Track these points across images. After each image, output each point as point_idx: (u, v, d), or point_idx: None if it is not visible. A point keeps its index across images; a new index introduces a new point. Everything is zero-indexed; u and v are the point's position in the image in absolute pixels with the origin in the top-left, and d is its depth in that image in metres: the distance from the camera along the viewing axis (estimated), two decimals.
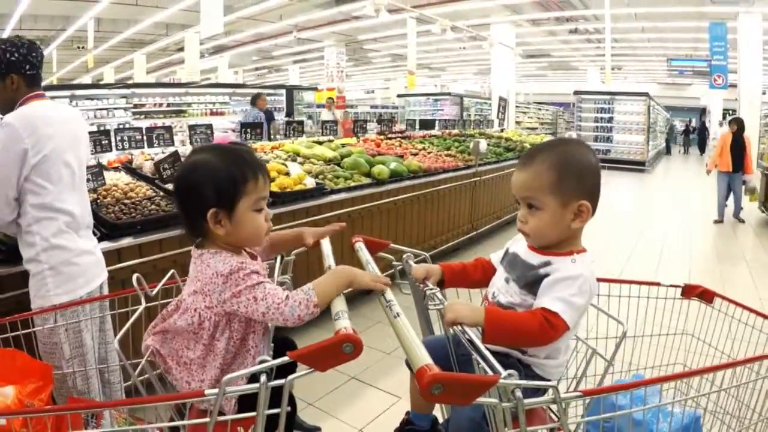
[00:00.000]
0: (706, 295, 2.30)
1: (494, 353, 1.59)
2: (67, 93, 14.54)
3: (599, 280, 2.15)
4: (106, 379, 2.97)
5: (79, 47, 20.49)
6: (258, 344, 1.79)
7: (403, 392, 3.99)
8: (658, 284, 2.35)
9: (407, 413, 2.14)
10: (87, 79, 25.85)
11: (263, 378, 1.38)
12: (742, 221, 11.02)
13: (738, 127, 11.19)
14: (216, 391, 1.38)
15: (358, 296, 5.31)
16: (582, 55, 28.83)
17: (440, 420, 2.18)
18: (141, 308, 2.03)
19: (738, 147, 10.97)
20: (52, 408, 2.01)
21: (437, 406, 2.13)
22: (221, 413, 1.59)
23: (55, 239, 2.75)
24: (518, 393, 1.32)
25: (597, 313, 2.05)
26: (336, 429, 3.64)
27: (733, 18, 17.56)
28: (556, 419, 1.63)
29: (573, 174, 1.77)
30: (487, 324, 1.61)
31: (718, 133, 20.22)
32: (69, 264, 2.80)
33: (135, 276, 2.08)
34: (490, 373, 1.34)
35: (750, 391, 1.95)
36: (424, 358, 1.29)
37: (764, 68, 18.89)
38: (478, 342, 1.48)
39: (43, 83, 3.07)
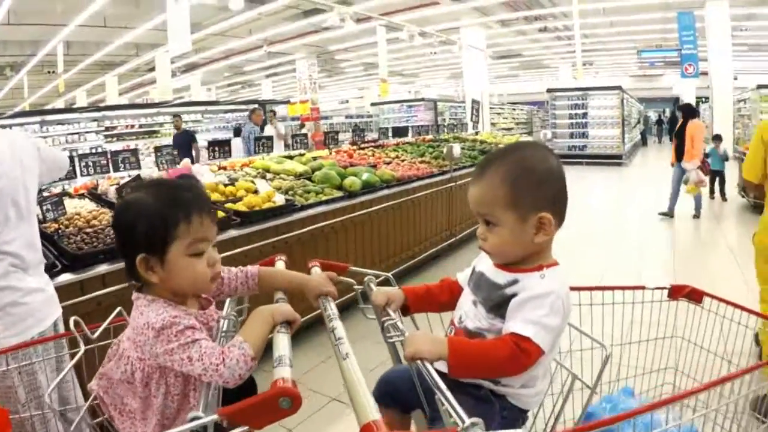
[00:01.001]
0: (694, 295, 2.19)
1: (465, 384, 1.49)
2: (38, 119, 14.45)
3: (580, 289, 2.06)
4: (71, 420, 2.86)
5: (49, 71, 20.40)
6: (200, 401, 1.55)
7: None
8: (642, 288, 2.25)
9: None
10: (60, 104, 25.78)
11: None
12: (667, 214, 10.52)
13: (685, 114, 10.67)
14: None
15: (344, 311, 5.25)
16: (553, 52, 29.02)
17: None
18: (80, 352, 1.93)
19: (681, 136, 10.42)
20: None
21: None
22: None
23: (0, 281, 2.61)
24: None
25: (580, 337, 1.91)
26: None
27: (700, 6, 17.73)
28: None
29: (530, 184, 1.60)
30: (451, 357, 1.48)
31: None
32: (17, 305, 2.65)
33: (72, 319, 1.96)
34: (453, 417, 1.20)
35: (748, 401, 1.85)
36: (371, 412, 1.17)
37: (734, 54, 19.08)
38: (439, 381, 1.32)
39: (15, 110, 2.94)
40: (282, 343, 1.48)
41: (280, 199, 5.34)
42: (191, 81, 25.86)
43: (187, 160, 6.70)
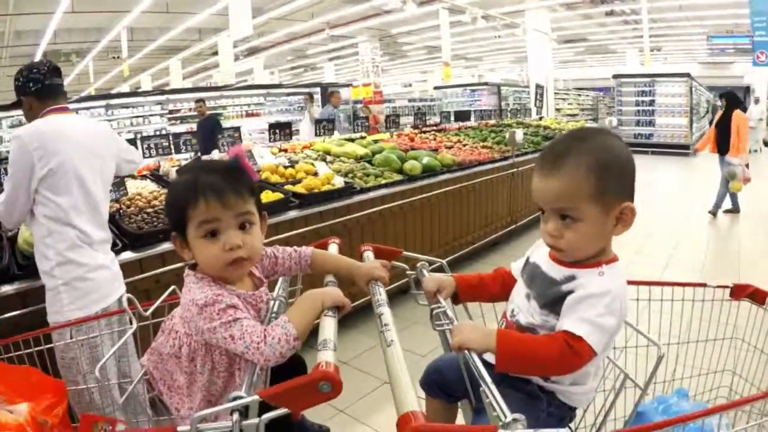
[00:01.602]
0: (757, 296, 2.05)
1: (513, 378, 1.43)
2: (103, 103, 14.70)
3: (638, 283, 1.99)
4: (131, 393, 2.90)
5: (114, 57, 20.72)
6: (244, 381, 1.56)
7: None
8: (704, 285, 2.14)
9: None
10: (125, 88, 26.24)
11: (236, 416, 1.23)
12: (713, 214, 9.81)
13: (728, 102, 9.99)
14: (187, 429, 1.26)
15: (398, 295, 5.21)
16: (619, 37, 28.41)
17: None
18: (131, 330, 1.96)
19: (724, 126, 9.80)
20: None
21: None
22: None
23: (68, 253, 2.78)
24: None
25: (636, 336, 1.84)
26: None
27: None
28: None
29: (614, 174, 1.50)
30: (499, 351, 1.43)
31: (754, 111, 19.71)
32: (83, 279, 2.81)
33: (125, 297, 2.02)
34: (497, 411, 1.16)
35: None
36: (411, 402, 1.12)
37: None
38: (485, 373, 1.28)
39: (82, 94, 3.10)
40: (328, 326, 1.46)
41: (339, 182, 5.32)
42: (254, 64, 26.04)
43: (247, 142, 6.75)
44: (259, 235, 1.71)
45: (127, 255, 3.64)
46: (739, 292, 2.11)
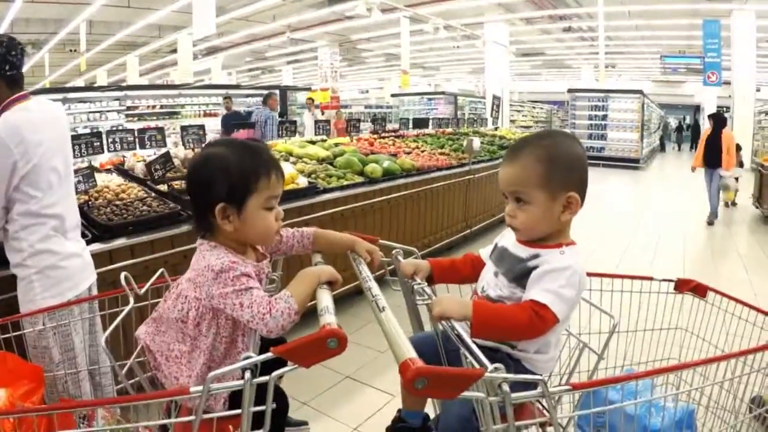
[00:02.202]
0: (699, 290, 2.28)
1: (483, 348, 1.57)
2: (59, 96, 14.46)
3: (591, 274, 2.16)
4: (97, 382, 2.93)
5: (71, 50, 20.47)
6: (249, 346, 1.76)
7: (397, 391, 3.98)
8: (650, 279, 2.35)
9: (399, 411, 2.08)
10: (80, 82, 25.86)
11: (247, 375, 1.36)
12: (711, 223, 10.50)
13: (715, 122, 10.82)
14: (200, 388, 1.36)
15: (349, 296, 5.32)
16: (576, 53, 28.86)
17: (432, 416, 2.13)
18: (129, 307, 2.02)
19: (713, 143, 10.57)
20: (39, 408, 1.98)
21: (429, 402, 2.10)
22: (210, 411, 1.60)
23: (41, 244, 2.71)
24: (505, 387, 1.30)
25: (588, 307, 2.03)
26: (330, 428, 3.61)
27: (726, 15, 17.63)
28: (546, 414, 1.61)
29: (561, 166, 1.75)
30: (475, 318, 1.60)
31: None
32: (56, 268, 2.76)
33: (123, 275, 2.06)
34: (477, 366, 1.33)
35: (744, 384, 1.93)
36: (408, 351, 1.27)
37: (758, 65, 18.97)
38: (465, 336, 1.46)
39: (37, 86, 2.98)
40: (325, 296, 1.61)
41: (303, 182, 5.41)
42: (212, 64, 25.87)
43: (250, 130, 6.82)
44: None
45: (96, 246, 3.63)
46: (682, 285, 2.32)
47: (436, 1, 17.21)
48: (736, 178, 10.72)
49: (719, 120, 10.81)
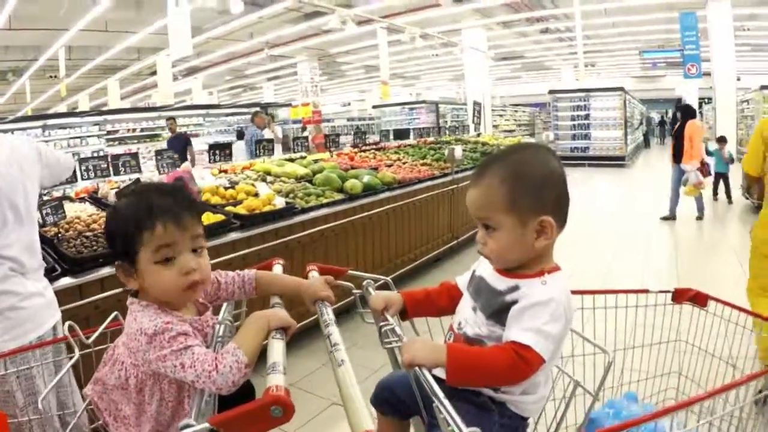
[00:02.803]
0: (698, 299, 2.15)
1: (464, 391, 1.47)
2: (39, 123, 14.50)
3: (582, 292, 2.04)
4: (68, 423, 2.85)
5: (51, 76, 20.39)
6: (193, 408, 1.54)
7: None
8: (646, 291, 2.20)
9: None
10: (62, 108, 25.79)
11: None
12: (669, 218, 10.42)
13: (683, 114, 10.48)
14: None
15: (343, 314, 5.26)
16: (555, 54, 29.00)
17: None
18: (75, 358, 1.93)
19: (679, 136, 10.21)
20: None
21: None
22: None
23: (0, 286, 2.62)
24: None
25: (583, 342, 1.90)
26: None
27: (701, 6, 17.72)
28: None
29: (529, 187, 1.55)
30: (449, 365, 1.45)
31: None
32: (15, 309, 2.66)
33: (66, 324, 1.95)
34: (451, 426, 1.18)
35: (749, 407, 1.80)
36: (365, 421, 1.15)
37: (737, 55, 19.07)
38: (437, 389, 1.29)
39: (18, 114, 2.94)
40: (276, 349, 1.47)
41: (280, 202, 5.32)
42: (193, 84, 25.80)
43: (187, 164, 6.71)
44: (208, 258, 1.70)
45: (66, 281, 3.55)
46: (680, 296, 2.18)
47: (413, 10, 17.21)
48: (702, 169, 10.01)
49: (686, 111, 10.57)
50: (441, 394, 1.26)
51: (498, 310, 1.58)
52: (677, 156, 10.22)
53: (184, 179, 2.20)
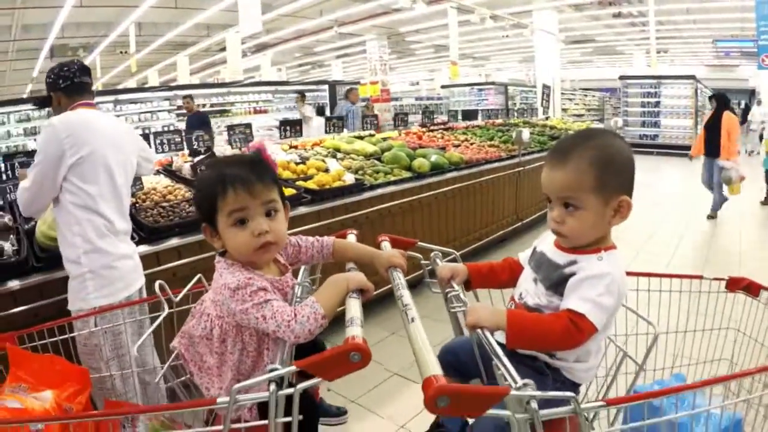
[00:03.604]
0: (752, 288, 2.17)
1: (521, 356, 1.52)
2: (111, 98, 14.76)
3: (637, 274, 2.10)
4: (146, 381, 2.98)
5: (121, 52, 20.73)
6: (275, 359, 1.71)
7: None
8: (700, 277, 2.25)
9: (437, 416, 2.05)
10: (132, 83, 26.22)
11: (272, 387, 1.35)
12: (712, 216, 9.67)
13: (718, 104, 9.85)
14: (227, 399, 1.36)
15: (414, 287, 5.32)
16: (627, 39, 28.36)
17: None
18: (163, 315, 2.05)
19: (714, 128, 9.55)
20: (87, 414, 2.01)
21: None
22: (239, 420, 1.62)
23: (96, 242, 2.84)
24: (534, 404, 1.23)
25: (632, 310, 1.97)
26: (378, 426, 3.63)
27: None
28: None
29: (614, 169, 1.67)
30: (509, 328, 1.56)
31: (757, 113, 19.74)
32: (109, 268, 2.88)
33: (158, 283, 2.07)
34: (508, 380, 1.28)
35: None
36: (433, 367, 1.24)
37: None
38: (497, 348, 1.41)
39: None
40: (354, 306, 1.59)
41: (349, 178, 5.40)
42: (262, 61, 26.02)
43: (262, 139, 6.81)
44: (284, 221, 1.83)
45: (144, 248, 3.69)
46: (734, 284, 2.21)
47: None
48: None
49: (722, 101, 9.95)
50: (500, 351, 1.38)
51: (557, 282, 1.71)
52: (712, 149, 9.61)
53: (261, 150, 2.31)
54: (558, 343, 1.61)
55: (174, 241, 3.88)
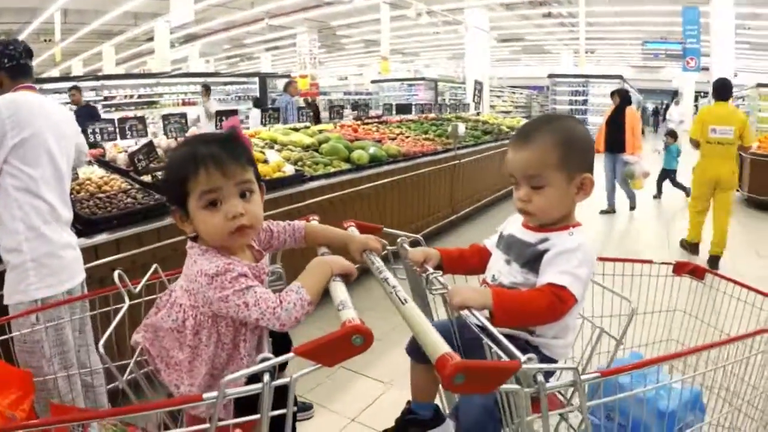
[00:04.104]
0: (697, 272, 2.32)
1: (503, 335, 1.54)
2: (35, 87, 14.27)
3: None
4: (89, 383, 2.86)
5: (45, 40, 20.19)
6: (251, 352, 1.66)
7: (393, 379, 3.97)
8: (650, 262, 2.36)
9: (408, 402, 2.08)
10: (55, 73, 25.51)
11: (266, 377, 1.25)
12: (609, 212, 9.93)
13: (621, 99, 9.84)
14: (215, 394, 1.24)
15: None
16: (556, 38, 29.02)
17: (441, 408, 2.14)
18: (125, 307, 1.90)
19: (615, 123, 9.62)
20: (36, 423, 1.87)
21: (438, 394, 2.10)
22: (206, 421, 1.47)
23: (40, 228, 2.71)
24: (540, 378, 1.26)
25: (602, 291, 2.05)
26: (329, 420, 3.57)
27: (705, 2, 17.73)
28: (565, 402, 1.59)
29: (577, 148, 1.76)
30: (495, 306, 1.56)
31: (674, 113, 20.42)
32: (53, 256, 2.74)
33: (117, 272, 1.94)
34: (505, 358, 1.28)
35: (747, 366, 1.95)
36: (443, 346, 1.22)
37: (736, 52, 19.14)
38: (489, 326, 1.41)
39: None
40: (340, 289, 1.55)
41: (289, 170, 5.35)
42: (190, 52, 25.70)
43: (235, 117, 6.67)
44: (259, 203, 1.72)
45: (81, 241, 3.45)
46: (680, 268, 2.35)
47: None
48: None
49: (624, 97, 9.96)
50: (494, 329, 1.38)
51: (531, 259, 1.76)
52: (613, 145, 9.69)
53: (236, 128, 2.22)
54: (543, 317, 1.65)
55: (111, 234, 3.72)
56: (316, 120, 9.70)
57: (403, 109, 12.18)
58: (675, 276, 2.36)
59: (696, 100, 28.11)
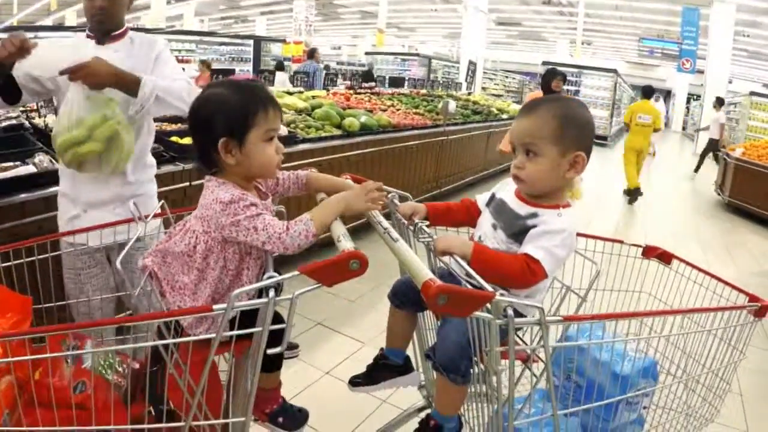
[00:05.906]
0: (665, 257, 2.40)
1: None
2: (30, 35, 14.15)
3: None
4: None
5: None
6: (252, 280, 1.81)
7: (367, 339, 4.13)
8: (621, 242, 2.44)
9: (381, 349, 2.24)
10: (48, 22, 25.25)
11: (272, 293, 1.43)
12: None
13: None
14: (224, 306, 1.41)
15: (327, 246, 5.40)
16: (553, 27, 29.00)
17: (412, 360, 2.30)
18: (137, 234, 2.07)
19: None
20: (34, 330, 1.94)
21: (410, 344, 2.27)
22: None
23: None
24: (510, 311, 1.43)
25: (573, 255, 2.09)
26: (303, 371, 3.70)
27: (707, 5, 17.74)
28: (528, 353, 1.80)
29: (574, 125, 1.83)
30: (473, 257, 1.72)
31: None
32: None
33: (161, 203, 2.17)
34: (484, 288, 1.46)
35: (695, 343, 2.09)
36: (427, 273, 1.37)
37: (733, 58, 19.19)
38: (468, 268, 1.59)
39: (4, 24, 2.87)
40: (339, 225, 1.72)
41: (282, 131, 5.40)
42: (185, 10, 25.52)
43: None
44: None
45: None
46: (649, 252, 2.44)
47: None
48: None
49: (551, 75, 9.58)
50: (472, 271, 1.58)
51: (518, 232, 1.86)
52: None
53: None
54: (512, 280, 1.77)
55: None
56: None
57: (396, 82, 12.23)
58: (644, 259, 2.44)
59: (688, 102, 28.32)
